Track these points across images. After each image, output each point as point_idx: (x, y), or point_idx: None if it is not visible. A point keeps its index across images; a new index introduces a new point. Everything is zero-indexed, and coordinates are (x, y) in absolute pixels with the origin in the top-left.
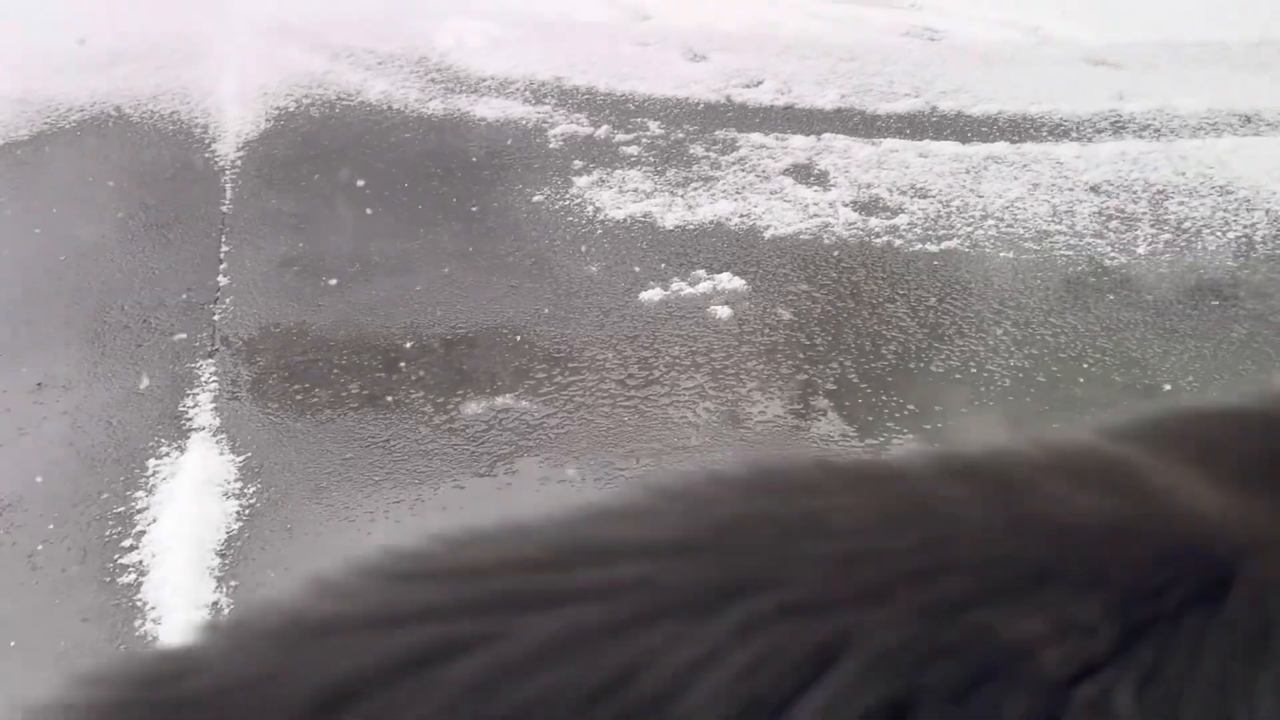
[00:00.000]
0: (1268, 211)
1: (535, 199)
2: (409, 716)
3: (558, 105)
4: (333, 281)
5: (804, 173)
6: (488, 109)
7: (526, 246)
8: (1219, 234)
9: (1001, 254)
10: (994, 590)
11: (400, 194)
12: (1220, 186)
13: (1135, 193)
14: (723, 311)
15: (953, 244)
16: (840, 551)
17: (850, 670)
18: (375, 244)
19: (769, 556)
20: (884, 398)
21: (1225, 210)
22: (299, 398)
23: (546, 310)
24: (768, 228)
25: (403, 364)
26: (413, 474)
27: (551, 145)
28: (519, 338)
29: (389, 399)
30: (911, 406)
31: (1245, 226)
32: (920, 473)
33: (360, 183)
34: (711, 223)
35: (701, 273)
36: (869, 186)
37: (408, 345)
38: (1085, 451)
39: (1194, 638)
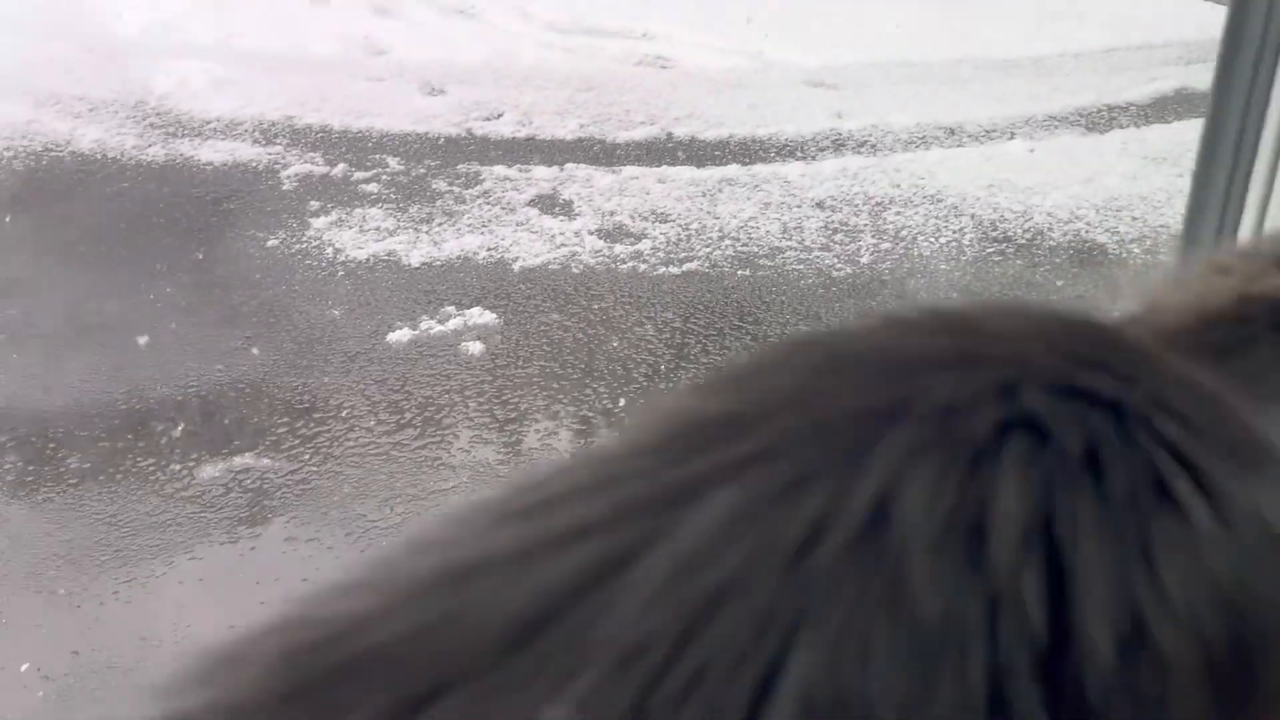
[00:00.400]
0: (973, 216)
1: (269, 244)
2: (613, 623)
3: (290, 145)
4: (45, 348)
5: (549, 203)
6: (214, 152)
7: (262, 294)
8: (932, 240)
9: (739, 272)
10: (1064, 365)
11: (119, 247)
12: (931, 195)
13: (856, 206)
14: (475, 347)
15: (694, 265)
16: (939, 360)
17: (1035, 401)
18: (92, 303)
19: (879, 386)
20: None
21: (936, 217)
22: (10, 478)
23: (286, 360)
24: (516, 259)
25: (128, 431)
26: (144, 549)
27: (285, 187)
28: (257, 391)
29: (114, 470)
30: None
31: (954, 231)
32: (912, 320)
33: (74, 238)
34: (459, 258)
35: (451, 309)
36: (612, 214)
37: (133, 410)
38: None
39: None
